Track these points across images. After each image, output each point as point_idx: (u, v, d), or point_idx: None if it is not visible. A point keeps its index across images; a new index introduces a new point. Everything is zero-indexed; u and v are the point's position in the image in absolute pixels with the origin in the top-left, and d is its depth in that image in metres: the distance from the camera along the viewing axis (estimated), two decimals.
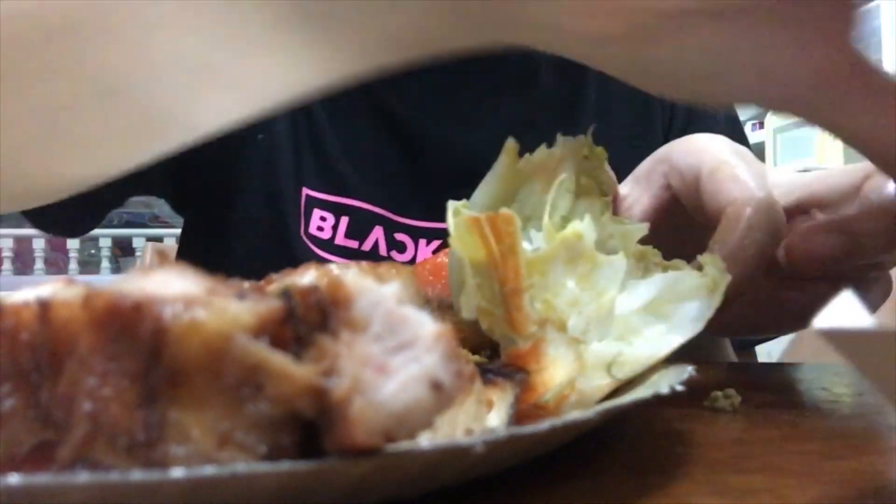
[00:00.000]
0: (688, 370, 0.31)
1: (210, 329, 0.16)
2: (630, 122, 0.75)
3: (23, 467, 0.19)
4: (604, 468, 0.27)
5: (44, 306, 0.19)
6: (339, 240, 0.67)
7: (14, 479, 0.16)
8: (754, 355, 0.73)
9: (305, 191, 0.67)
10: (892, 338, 0.21)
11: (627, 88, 0.80)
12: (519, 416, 0.29)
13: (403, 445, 0.18)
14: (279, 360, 0.17)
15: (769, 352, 0.89)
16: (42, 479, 0.16)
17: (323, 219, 0.67)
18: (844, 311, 0.23)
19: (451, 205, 0.33)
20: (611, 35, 0.28)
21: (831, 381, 0.47)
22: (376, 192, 0.67)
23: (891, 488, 0.25)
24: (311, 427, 0.17)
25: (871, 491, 0.25)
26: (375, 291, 0.18)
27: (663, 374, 0.33)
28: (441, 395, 0.17)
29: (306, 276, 0.22)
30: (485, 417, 0.28)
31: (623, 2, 0.27)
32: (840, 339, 0.22)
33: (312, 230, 0.67)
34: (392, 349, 0.17)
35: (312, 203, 0.67)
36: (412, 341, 0.17)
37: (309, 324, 0.18)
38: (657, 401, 0.35)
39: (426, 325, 0.18)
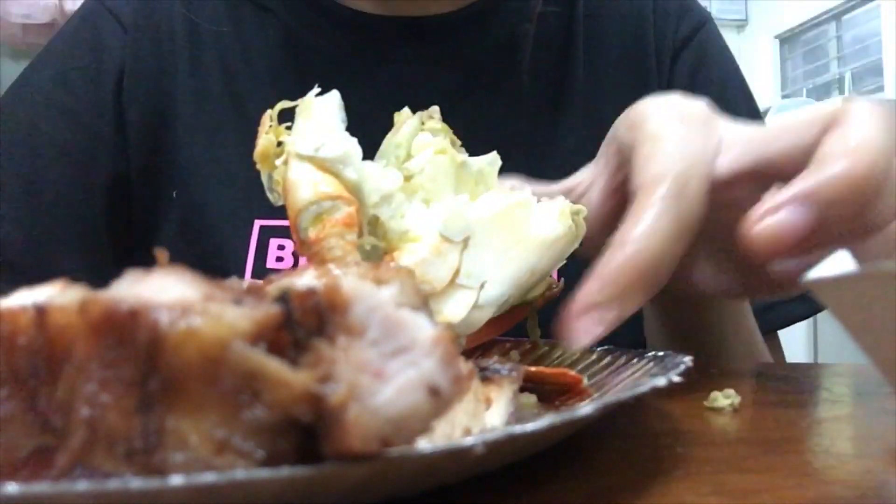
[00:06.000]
0: (685, 361, 0.31)
1: (206, 336, 0.16)
2: (622, 97, 0.72)
3: (21, 472, 0.19)
4: (604, 468, 0.27)
5: (40, 312, 0.19)
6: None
7: (12, 487, 0.16)
8: (779, 345, 0.72)
9: (259, 222, 0.65)
10: (870, 278, 0.21)
11: (618, 63, 0.79)
12: None
13: (402, 448, 0.18)
14: (276, 367, 0.16)
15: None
16: (40, 486, 0.16)
17: (281, 247, 0.65)
18: (837, 265, 0.23)
19: None
20: None
21: (831, 381, 0.47)
22: None
23: (891, 488, 0.25)
24: (309, 431, 0.17)
25: (871, 491, 0.25)
26: (373, 295, 0.18)
27: (661, 367, 0.33)
28: (439, 401, 0.17)
29: (305, 276, 0.22)
30: (483, 415, 0.28)
31: None
32: (823, 287, 0.22)
33: (271, 263, 0.64)
34: (389, 354, 0.17)
35: (267, 233, 0.65)
36: (410, 345, 0.17)
37: (306, 328, 0.17)
38: (657, 400, 0.36)
39: (424, 329, 0.18)
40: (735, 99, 0.74)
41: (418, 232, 0.36)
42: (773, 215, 0.35)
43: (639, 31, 0.74)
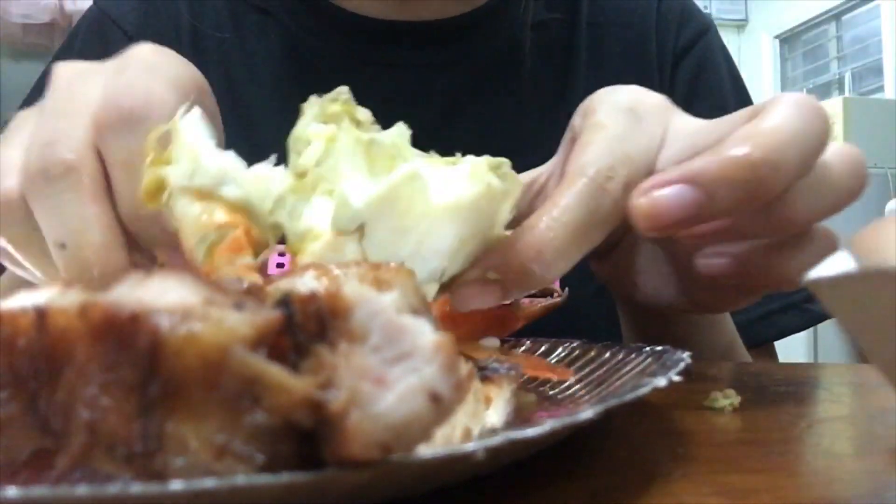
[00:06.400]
0: (684, 358, 0.31)
1: (207, 342, 0.16)
2: None
3: (21, 474, 0.19)
4: (604, 468, 0.27)
5: (40, 314, 0.19)
6: None
7: (12, 490, 0.16)
8: (774, 354, 0.72)
9: None
10: (870, 278, 0.21)
11: (620, 71, 0.79)
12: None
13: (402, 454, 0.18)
14: (276, 373, 0.16)
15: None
16: (40, 489, 0.16)
17: (283, 254, 0.63)
18: (837, 265, 0.23)
19: None
20: None
21: (831, 381, 0.47)
22: None
23: (891, 488, 0.25)
24: (309, 437, 0.17)
25: (871, 491, 0.25)
26: (374, 301, 0.18)
27: (660, 364, 0.33)
28: (440, 408, 0.17)
29: (305, 277, 0.22)
30: (483, 415, 0.28)
31: None
32: (823, 286, 0.22)
33: (272, 271, 0.64)
34: (391, 360, 0.17)
35: None
36: (411, 352, 0.17)
37: (307, 333, 0.17)
38: (657, 400, 0.36)
39: (426, 335, 0.18)
40: (733, 108, 0.75)
41: (321, 227, 0.34)
42: (657, 190, 0.35)
43: (641, 39, 0.75)
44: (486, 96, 0.71)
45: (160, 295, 0.18)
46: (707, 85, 0.74)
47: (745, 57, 4.92)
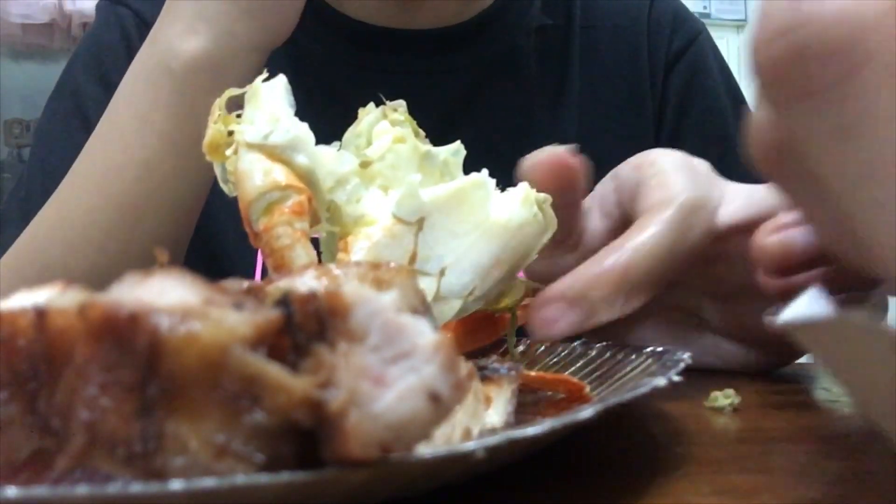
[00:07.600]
0: (684, 359, 0.31)
1: (206, 341, 0.16)
2: (617, 110, 0.75)
3: (21, 474, 0.19)
4: (604, 468, 0.27)
5: (40, 314, 0.18)
6: None
7: (12, 490, 0.16)
8: None
9: None
10: (850, 325, 0.21)
11: (613, 76, 0.80)
12: None
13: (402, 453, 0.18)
14: (276, 372, 0.16)
15: None
16: (40, 490, 0.16)
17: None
18: (810, 304, 0.23)
19: None
20: None
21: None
22: None
23: (890, 488, 0.25)
24: (309, 436, 0.17)
25: (871, 491, 0.25)
26: (374, 301, 0.18)
27: (660, 364, 0.33)
28: (439, 407, 0.17)
29: (306, 276, 0.22)
30: (483, 415, 0.28)
31: None
32: (802, 329, 0.22)
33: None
34: (390, 359, 0.17)
35: None
36: (410, 351, 0.17)
37: (307, 333, 0.17)
38: (657, 400, 0.36)
39: (425, 335, 0.18)
40: (728, 108, 0.76)
41: (374, 216, 0.35)
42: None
43: (633, 43, 0.76)
44: (486, 102, 0.72)
45: (159, 295, 0.18)
46: (701, 88, 0.75)
47: (745, 57, 4.92)
